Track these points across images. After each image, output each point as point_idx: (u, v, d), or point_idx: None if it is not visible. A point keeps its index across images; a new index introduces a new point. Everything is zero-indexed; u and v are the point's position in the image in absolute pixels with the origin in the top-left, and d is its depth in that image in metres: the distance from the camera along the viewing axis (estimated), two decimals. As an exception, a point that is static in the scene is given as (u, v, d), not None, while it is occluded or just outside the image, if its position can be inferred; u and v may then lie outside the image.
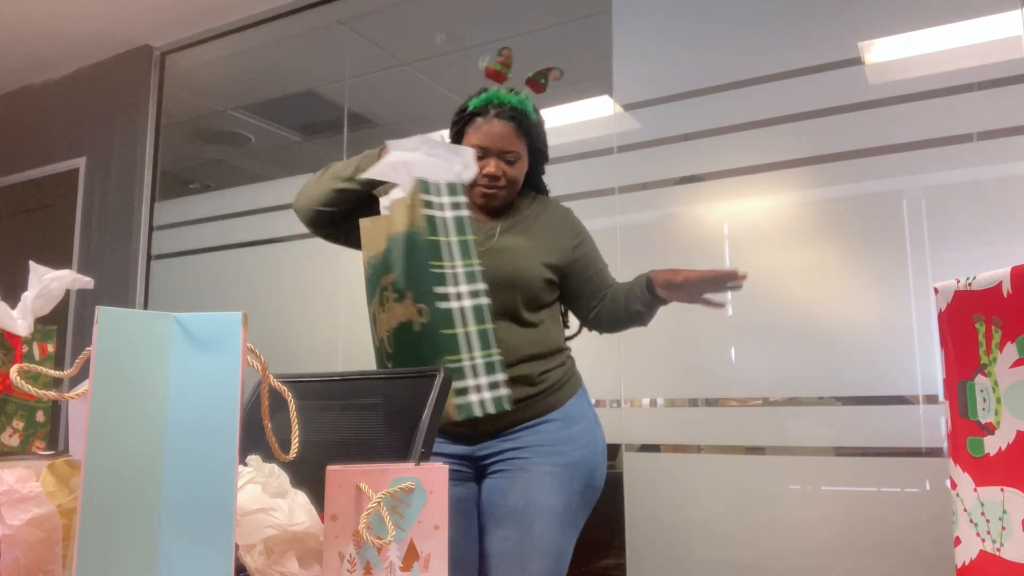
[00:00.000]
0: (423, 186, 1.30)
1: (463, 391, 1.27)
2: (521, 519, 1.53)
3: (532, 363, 1.61)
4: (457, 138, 1.70)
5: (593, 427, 1.67)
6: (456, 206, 1.32)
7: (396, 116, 3.31)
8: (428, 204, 1.30)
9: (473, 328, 1.29)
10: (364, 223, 1.47)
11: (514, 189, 1.70)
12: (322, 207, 1.71)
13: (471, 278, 1.30)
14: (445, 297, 1.27)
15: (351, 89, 3.27)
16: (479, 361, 1.28)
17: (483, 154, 1.63)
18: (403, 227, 1.34)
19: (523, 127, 1.67)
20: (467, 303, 1.29)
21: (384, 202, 1.42)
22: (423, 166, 1.33)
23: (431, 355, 1.27)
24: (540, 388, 1.62)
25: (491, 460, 1.61)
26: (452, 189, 1.33)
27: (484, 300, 1.31)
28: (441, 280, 1.27)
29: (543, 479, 1.56)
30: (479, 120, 1.65)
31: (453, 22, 3.06)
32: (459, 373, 1.26)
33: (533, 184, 1.80)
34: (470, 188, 1.61)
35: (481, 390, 1.28)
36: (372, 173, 1.41)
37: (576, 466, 1.59)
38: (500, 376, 1.30)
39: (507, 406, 1.31)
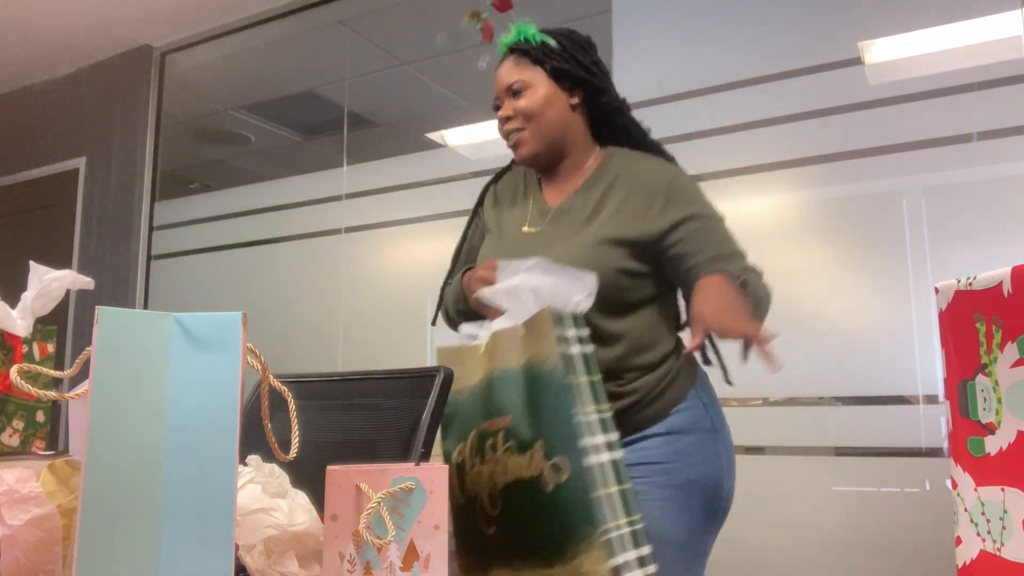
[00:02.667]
0: (556, 317, 1.07)
1: (623, 568, 0.98)
2: None
3: (615, 382, 1.32)
4: None
5: (711, 438, 1.35)
6: (582, 340, 1.10)
7: (396, 116, 3.32)
8: (562, 339, 1.06)
9: (615, 489, 1.02)
10: (442, 351, 1.25)
11: (545, 132, 1.39)
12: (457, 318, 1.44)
13: (605, 427, 1.06)
14: (591, 451, 1.02)
15: (351, 89, 3.27)
16: (625, 531, 1.00)
17: (497, 103, 1.42)
18: (518, 362, 1.12)
19: (527, 53, 1.42)
20: (607, 457, 1.03)
21: (471, 330, 1.21)
22: (547, 292, 1.12)
23: (568, 522, 1.02)
24: (629, 401, 1.33)
25: None
26: (577, 321, 1.11)
27: (620, 453, 1.05)
28: (585, 430, 1.02)
29: (655, 505, 1.28)
30: (497, 72, 1.44)
31: (453, 22, 3.06)
32: (614, 546, 0.98)
33: (611, 134, 1.47)
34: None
35: (631, 569, 0.99)
36: (486, 298, 1.18)
37: (695, 484, 1.31)
38: (645, 550, 1.02)
39: None
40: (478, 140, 2.97)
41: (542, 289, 1.12)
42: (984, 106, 2.06)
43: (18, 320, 1.02)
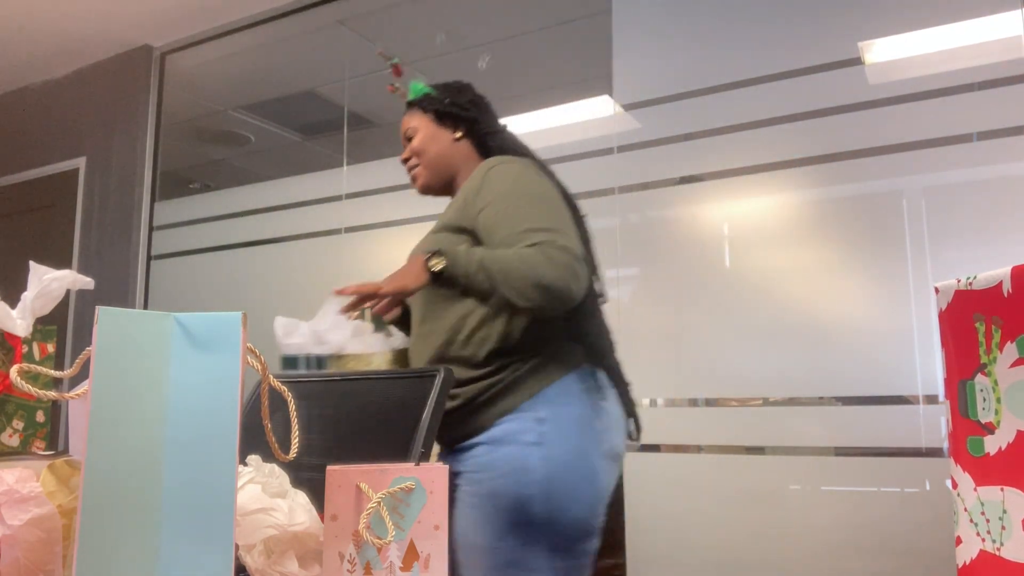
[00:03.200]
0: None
1: None
2: (454, 555, 1.30)
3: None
4: None
5: (527, 452, 1.32)
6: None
7: (396, 116, 3.30)
8: None
9: None
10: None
11: (431, 164, 1.63)
12: None
13: None
14: None
15: (351, 89, 3.27)
16: None
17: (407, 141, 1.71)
18: None
19: (416, 104, 1.74)
20: None
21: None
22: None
23: None
24: (457, 404, 1.38)
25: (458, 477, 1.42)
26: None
27: None
28: None
29: (463, 511, 1.33)
30: None
31: (453, 22, 3.06)
32: None
33: (499, 151, 1.66)
34: None
35: None
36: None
37: (499, 496, 1.31)
38: None
39: None
40: (478, 140, 2.97)
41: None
42: (984, 106, 2.06)
43: (18, 320, 1.02)
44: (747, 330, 2.27)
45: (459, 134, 1.67)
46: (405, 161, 1.70)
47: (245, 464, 0.83)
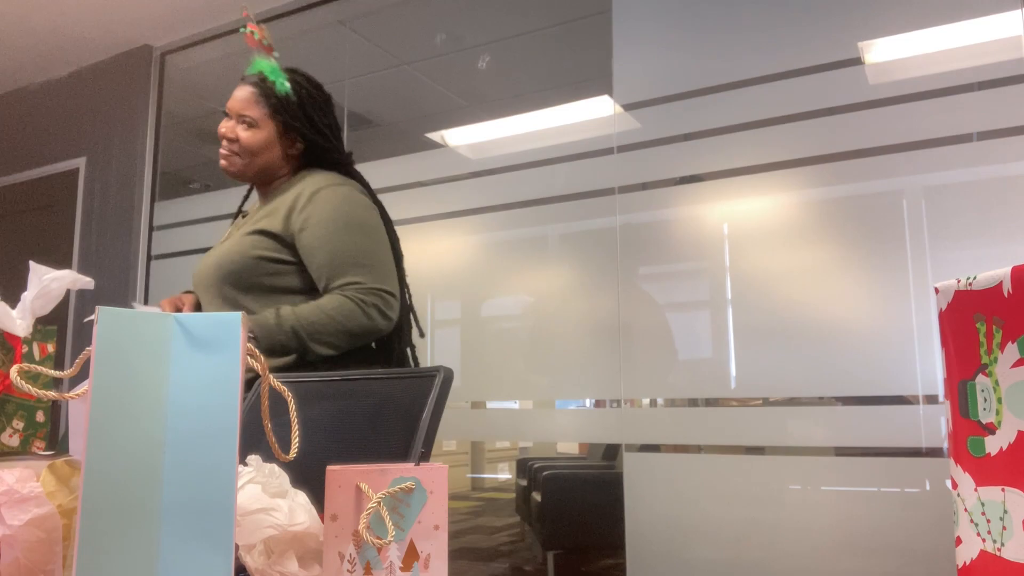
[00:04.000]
0: None
1: None
2: None
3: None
4: None
5: None
6: None
7: (396, 116, 3.31)
8: None
9: None
10: None
11: (253, 159, 1.66)
12: None
13: None
14: None
15: (351, 89, 3.27)
16: None
17: (225, 117, 1.65)
18: None
19: (265, 94, 1.63)
20: None
21: None
22: None
23: None
24: None
25: None
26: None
27: None
28: None
29: None
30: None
31: (453, 22, 3.06)
32: None
33: (324, 167, 1.70)
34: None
35: None
36: None
37: None
38: None
39: None
40: (478, 140, 2.97)
41: None
42: (984, 106, 2.06)
43: (18, 320, 1.02)
44: (747, 330, 2.27)
45: (295, 151, 1.67)
46: (222, 136, 1.66)
47: (245, 464, 0.83)
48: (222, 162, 1.68)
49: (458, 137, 3.00)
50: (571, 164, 2.59)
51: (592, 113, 2.65)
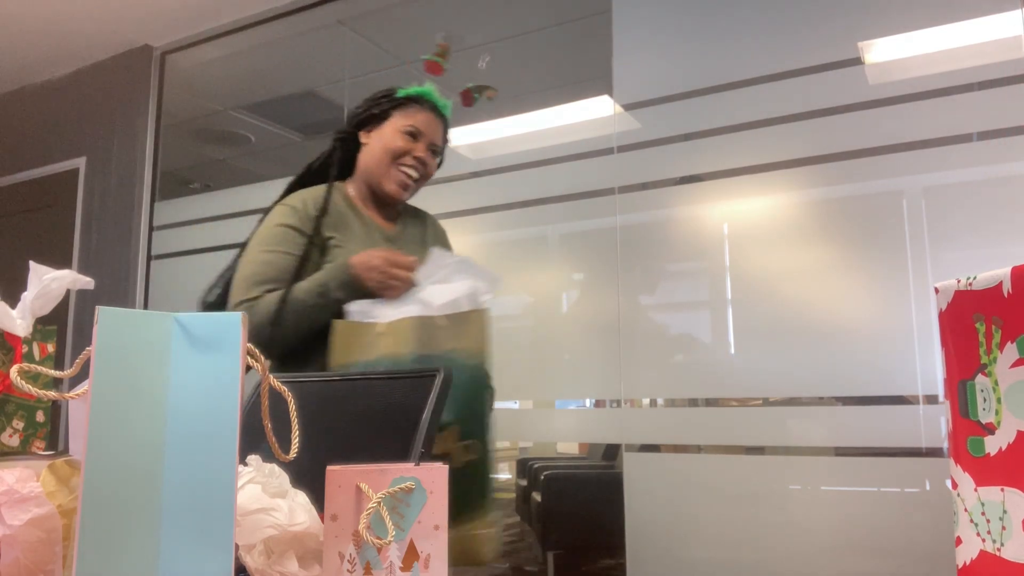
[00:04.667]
0: (487, 317, 1.25)
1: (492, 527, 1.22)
2: None
3: None
4: (379, 118, 1.64)
5: None
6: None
7: (396, 116, 3.31)
8: (488, 338, 1.25)
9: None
10: (343, 326, 1.41)
11: (419, 188, 1.68)
12: (289, 328, 1.47)
13: None
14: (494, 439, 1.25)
15: (351, 89, 3.27)
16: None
17: (414, 137, 1.61)
18: (439, 349, 1.27)
19: (446, 132, 1.69)
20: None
21: (363, 307, 1.35)
22: (469, 290, 1.28)
23: (476, 496, 1.21)
24: None
25: None
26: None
27: None
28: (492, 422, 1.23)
29: None
30: (414, 106, 1.63)
31: (453, 22, 3.06)
32: (492, 515, 1.21)
33: None
34: (385, 171, 1.60)
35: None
36: (405, 288, 1.39)
37: None
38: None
39: None
40: (478, 140, 2.97)
41: (463, 288, 1.25)
42: (984, 106, 2.06)
43: (18, 320, 1.02)
44: (747, 330, 2.27)
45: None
46: (417, 160, 1.62)
47: (245, 464, 0.83)
48: (405, 183, 1.62)
49: (458, 137, 3.00)
50: (571, 164, 2.59)
51: (592, 113, 2.65)
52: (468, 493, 1.17)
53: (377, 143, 1.63)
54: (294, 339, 1.45)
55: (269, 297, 1.47)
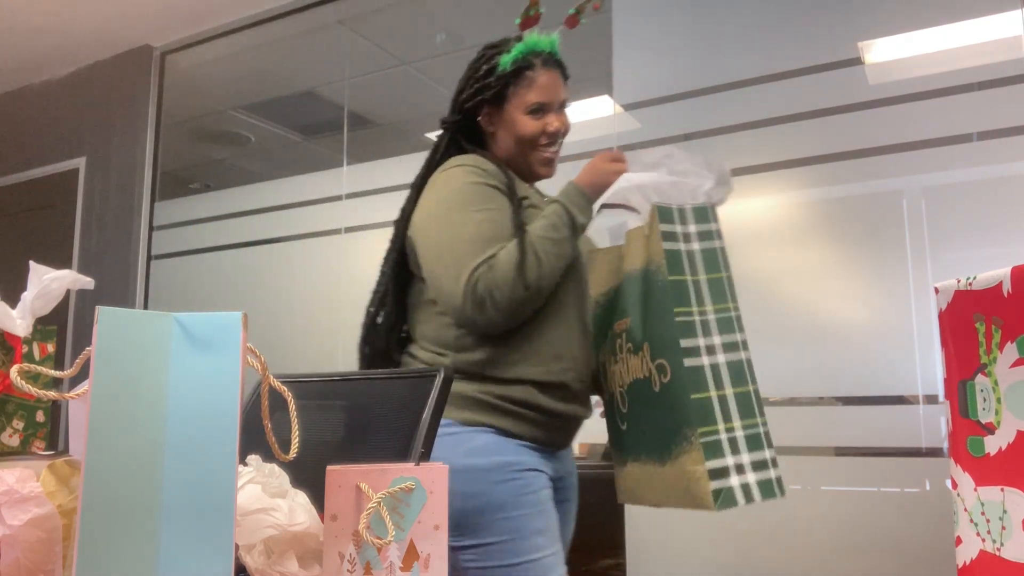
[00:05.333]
0: (663, 213, 1.04)
1: (721, 472, 1.00)
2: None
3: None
4: (497, 102, 1.44)
5: None
6: (707, 235, 1.05)
7: (396, 116, 3.31)
8: (670, 236, 1.02)
9: (730, 391, 1.03)
10: (594, 253, 1.32)
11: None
12: (545, 273, 1.28)
13: (727, 326, 1.04)
14: (694, 352, 1.02)
15: (351, 89, 3.27)
16: (739, 434, 1.01)
17: (542, 110, 1.41)
18: (640, 263, 1.13)
19: (565, 76, 1.47)
20: (722, 358, 1.04)
21: (607, 223, 1.23)
22: (664, 188, 1.10)
23: (677, 422, 1.04)
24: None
25: (562, 482, 1.43)
26: (701, 214, 1.05)
27: (745, 354, 1.06)
28: (689, 330, 1.01)
29: (572, 512, 1.50)
30: (528, 74, 1.42)
31: (453, 22, 3.06)
32: (714, 449, 0.99)
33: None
34: (524, 159, 1.43)
35: (744, 471, 1.01)
36: (604, 198, 1.20)
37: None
38: (768, 453, 1.03)
39: (779, 493, 1.06)
40: (478, 140, 2.97)
41: (658, 185, 1.09)
42: (984, 106, 2.06)
43: (18, 320, 1.02)
44: (747, 330, 2.26)
45: None
46: (555, 132, 1.42)
47: (245, 464, 0.83)
48: (550, 161, 1.45)
49: (458, 137, 3.00)
50: (571, 164, 2.59)
51: (592, 113, 2.65)
52: (671, 421, 1.05)
53: (504, 134, 1.44)
54: (549, 283, 1.27)
55: (503, 252, 1.26)
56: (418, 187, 1.48)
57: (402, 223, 1.45)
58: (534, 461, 1.31)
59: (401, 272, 1.44)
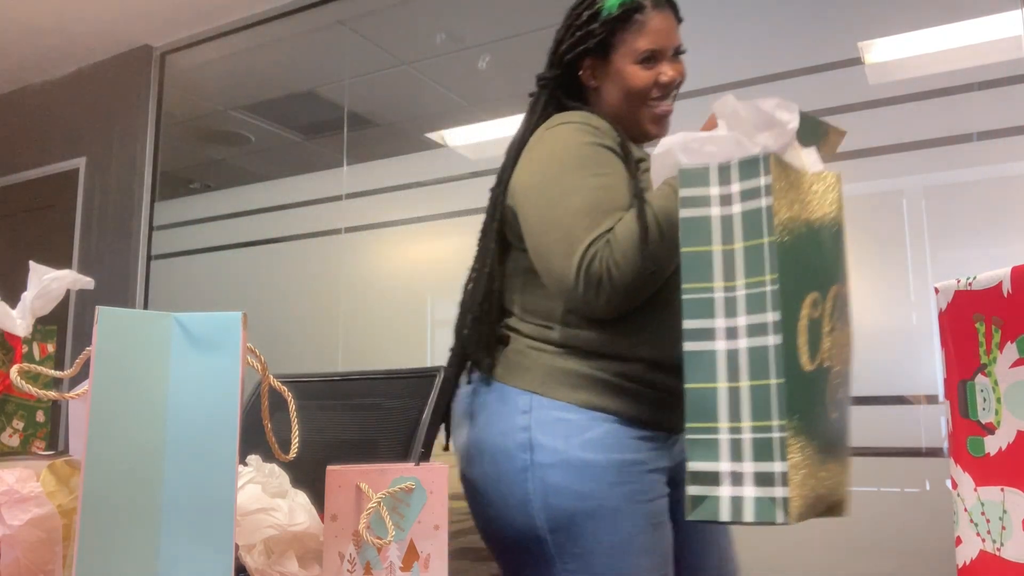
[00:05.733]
0: (686, 177, 0.88)
1: (708, 477, 0.82)
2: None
3: None
4: (601, 52, 1.25)
5: None
6: (752, 193, 0.85)
7: (396, 116, 3.31)
8: (691, 201, 0.87)
9: (746, 383, 0.82)
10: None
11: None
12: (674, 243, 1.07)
13: (758, 304, 0.83)
14: (703, 334, 0.84)
15: (351, 89, 3.27)
16: (746, 436, 0.81)
17: (654, 58, 1.24)
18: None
19: (678, 18, 1.31)
20: (744, 343, 0.83)
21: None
22: (699, 146, 0.91)
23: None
24: None
25: (679, 470, 1.18)
26: (749, 168, 0.86)
27: (773, 339, 0.82)
28: (700, 309, 0.84)
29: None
30: (637, 18, 1.23)
31: (453, 22, 3.06)
32: (707, 448, 0.82)
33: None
34: (634, 116, 1.26)
35: (742, 481, 0.81)
36: (653, 173, 0.99)
37: None
38: (779, 466, 0.79)
39: (782, 517, 0.80)
40: (478, 140, 2.97)
41: (688, 145, 0.92)
42: (984, 106, 2.06)
43: (18, 320, 1.02)
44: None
45: None
46: (670, 82, 1.26)
47: (245, 464, 0.83)
48: (663, 117, 1.28)
49: (458, 137, 3.00)
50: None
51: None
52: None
53: (610, 88, 1.27)
54: (674, 260, 1.01)
55: (621, 225, 1.09)
56: (516, 150, 1.28)
57: (499, 191, 1.26)
58: (653, 458, 1.15)
59: (503, 244, 1.27)
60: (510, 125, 1.83)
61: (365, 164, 3.18)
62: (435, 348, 2.87)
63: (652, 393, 1.14)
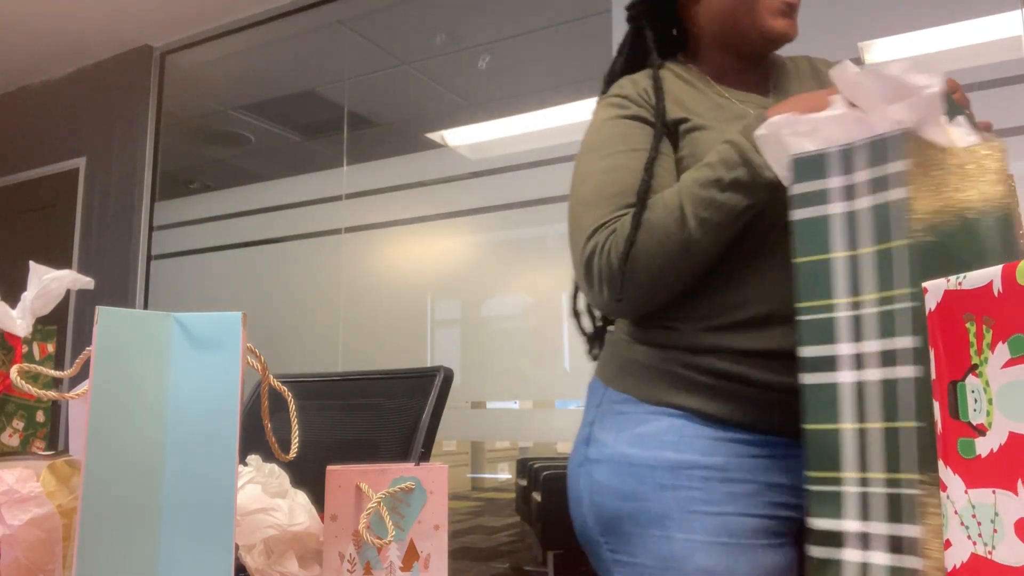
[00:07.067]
0: (800, 168, 0.72)
1: (831, 537, 0.66)
2: None
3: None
4: None
5: None
6: (880, 183, 0.67)
7: (396, 116, 3.32)
8: (804, 199, 0.70)
9: (878, 425, 0.64)
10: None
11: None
12: (708, 233, 0.91)
13: (888, 325, 0.64)
14: (825, 363, 0.67)
15: (351, 89, 3.27)
16: (877, 490, 0.64)
17: None
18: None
19: None
20: (873, 375, 0.64)
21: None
22: (807, 128, 0.74)
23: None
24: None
25: (795, 492, 0.91)
26: (877, 152, 0.69)
27: (916, 371, 0.62)
28: (819, 333, 0.68)
29: None
30: None
31: (453, 22, 3.06)
32: (829, 502, 0.66)
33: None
34: (750, 8, 1.11)
35: (870, 545, 0.64)
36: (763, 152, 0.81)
37: None
38: (916, 530, 0.61)
39: None
40: (478, 140, 2.97)
41: (800, 128, 0.75)
42: (984, 106, 2.06)
43: (18, 320, 1.02)
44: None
45: None
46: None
47: (245, 464, 0.83)
48: (787, 8, 1.14)
49: (458, 137, 3.00)
50: (572, 164, 2.59)
51: (591, 113, 2.65)
52: None
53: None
54: (714, 247, 0.90)
55: (637, 212, 0.94)
56: None
57: None
58: (747, 466, 0.92)
59: None
60: (510, 125, 1.83)
61: (365, 164, 3.19)
62: (435, 348, 2.87)
63: (743, 389, 0.93)
